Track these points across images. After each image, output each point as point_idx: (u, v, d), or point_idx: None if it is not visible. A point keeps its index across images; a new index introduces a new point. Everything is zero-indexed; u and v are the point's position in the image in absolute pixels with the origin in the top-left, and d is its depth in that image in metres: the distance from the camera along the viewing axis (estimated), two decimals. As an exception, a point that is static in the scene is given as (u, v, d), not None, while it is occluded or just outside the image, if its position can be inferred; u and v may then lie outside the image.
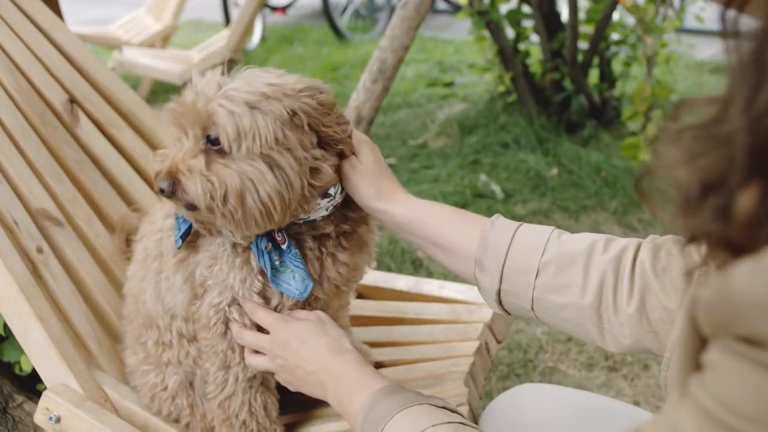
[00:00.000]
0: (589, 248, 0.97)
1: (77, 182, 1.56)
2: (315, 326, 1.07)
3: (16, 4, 1.63)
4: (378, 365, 1.48)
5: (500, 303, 1.02)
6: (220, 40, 4.74)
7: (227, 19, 6.63)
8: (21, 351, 1.66)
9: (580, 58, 3.83)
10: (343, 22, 7.02)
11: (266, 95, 1.01)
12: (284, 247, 1.09)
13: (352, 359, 1.03)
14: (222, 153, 1.02)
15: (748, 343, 0.43)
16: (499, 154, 3.79)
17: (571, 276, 0.96)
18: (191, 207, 1.04)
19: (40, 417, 1.28)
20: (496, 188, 3.41)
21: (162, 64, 4.48)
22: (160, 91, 5.19)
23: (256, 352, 1.13)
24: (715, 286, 0.44)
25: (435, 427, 0.86)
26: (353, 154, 1.10)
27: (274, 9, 7.66)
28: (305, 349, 1.05)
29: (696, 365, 0.50)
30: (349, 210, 1.15)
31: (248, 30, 4.45)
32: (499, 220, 1.04)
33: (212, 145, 1.03)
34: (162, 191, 1.03)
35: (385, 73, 2.37)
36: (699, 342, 0.50)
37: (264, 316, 1.10)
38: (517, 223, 1.03)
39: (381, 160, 1.12)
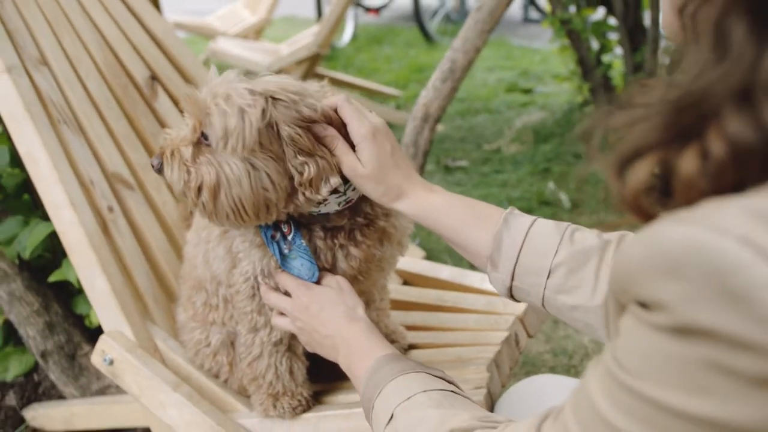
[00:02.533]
0: (601, 247, 0.98)
1: (151, 151, 1.70)
2: (334, 294, 1.14)
3: (111, -14, 1.79)
4: (411, 347, 1.55)
5: (512, 296, 1.05)
6: (309, 36, 4.89)
7: (320, 16, 6.82)
8: (91, 305, 1.81)
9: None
10: (433, 25, 7.09)
11: (255, 96, 1.06)
12: (290, 238, 1.16)
13: (363, 328, 1.09)
14: (209, 148, 1.09)
15: (640, 306, 0.47)
16: (570, 164, 3.77)
17: (582, 278, 0.97)
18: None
19: (96, 358, 1.41)
20: (563, 197, 3.40)
21: (251, 55, 4.67)
22: (250, 82, 5.40)
23: (282, 314, 1.21)
24: (618, 253, 0.48)
25: (426, 392, 0.91)
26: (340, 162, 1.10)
27: (368, 9, 7.83)
28: (323, 315, 1.12)
29: (616, 332, 0.55)
30: (366, 205, 1.19)
31: (336, 27, 4.57)
32: (512, 216, 1.03)
33: (204, 139, 1.10)
34: (152, 166, 1.15)
35: (455, 74, 2.43)
36: (620, 310, 0.53)
37: (288, 282, 1.18)
38: (530, 220, 1.03)
39: (387, 153, 1.08)
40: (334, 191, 1.11)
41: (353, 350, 1.06)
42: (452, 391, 0.94)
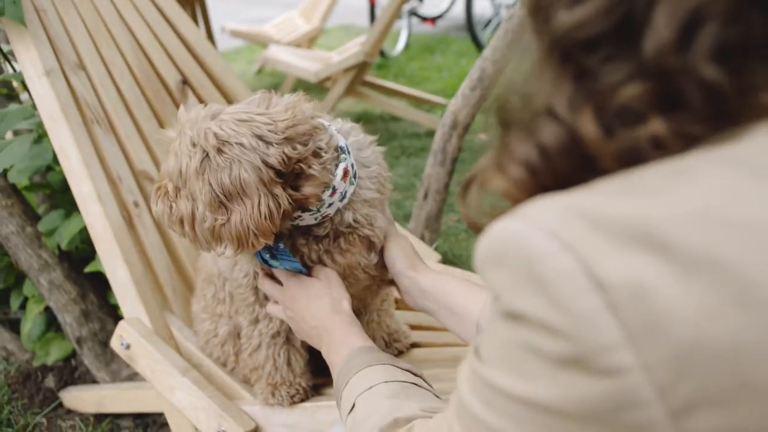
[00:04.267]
0: None
1: (178, 151, 1.80)
2: (321, 286, 1.20)
3: (147, -5, 1.90)
4: (414, 345, 1.60)
5: None
6: (360, 44, 4.99)
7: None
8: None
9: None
10: (486, 35, 7.11)
11: (235, 141, 1.05)
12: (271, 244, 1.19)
13: (344, 320, 1.15)
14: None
15: (493, 297, 0.50)
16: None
17: None
18: None
19: (114, 342, 1.51)
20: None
21: (301, 63, 4.79)
22: (303, 89, 5.53)
23: (276, 303, 1.28)
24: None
25: (387, 383, 0.96)
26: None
27: (424, 19, 7.89)
28: (310, 306, 1.18)
29: None
30: (349, 215, 1.22)
31: (383, 36, 4.65)
32: None
33: None
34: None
35: (484, 82, 2.46)
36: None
37: (280, 271, 1.25)
38: None
39: (413, 246, 1.30)
40: (307, 210, 1.15)
41: (333, 341, 1.13)
42: (414, 383, 0.99)
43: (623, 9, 0.46)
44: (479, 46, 6.94)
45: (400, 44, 7.00)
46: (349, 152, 1.18)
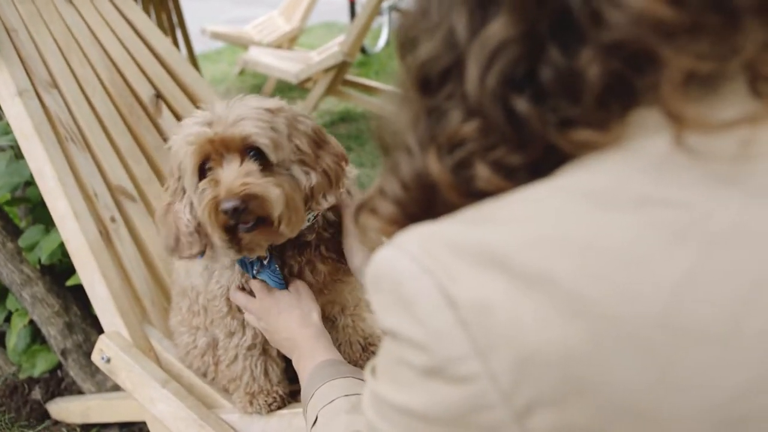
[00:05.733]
0: None
1: (154, 165, 1.83)
2: (291, 298, 1.24)
3: (118, 9, 1.92)
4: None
5: None
6: (338, 44, 5.01)
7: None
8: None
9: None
10: (467, 29, 7.13)
11: (271, 112, 1.15)
12: (265, 262, 1.24)
13: (313, 333, 1.19)
14: (265, 166, 1.13)
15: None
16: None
17: None
18: (257, 222, 1.14)
19: (95, 356, 1.54)
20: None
21: (281, 64, 4.81)
22: (285, 89, 5.56)
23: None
24: None
25: (347, 397, 1.00)
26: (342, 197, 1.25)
27: (404, 14, 7.90)
28: (281, 319, 1.22)
29: None
30: (330, 213, 1.28)
31: (362, 35, 4.67)
32: None
33: (255, 160, 1.13)
34: (234, 210, 1.09)
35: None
36: None
37: (253, 283, 1.28)
38: None
39: None
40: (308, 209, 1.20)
41: (302, 354, 1.16)
42: None
43: (457, 49, 0.52)
44: (460, 40, 6.96)
45: (382, 41, 7.02)
46: None
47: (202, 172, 1.15)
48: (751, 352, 0.43)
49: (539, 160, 0.52)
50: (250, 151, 1.13)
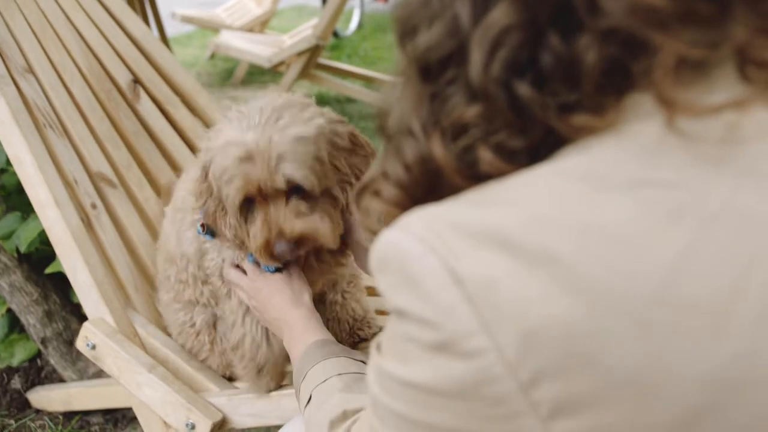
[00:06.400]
0: None
1: (133, 151, 1.82)
2: (283, 279, 1.25)
3: (93, -5, 1.90)
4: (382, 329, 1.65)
5: None
6: (311, 27, 4.98)
7: (325, 5, 6.90)
8: (86, 294, 1.94)
9: None
10: (439, 12, 7.13)
11: (313, 142, 1.13)
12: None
13: (304, 314, 1.21)
14: (308, 194, 1.16)
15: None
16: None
17: None
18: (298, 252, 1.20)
19: (80, 343, 1.54)
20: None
21: (253, 48, 4.78)
22: (257, 73, 5.53)
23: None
24: None
25: (340, 375, 1.02)
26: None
27: (375, -3, 7.90)
28: (272, 299, 1.24)
29: None
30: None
31: (335, 19, 4.65)
32: None
33: (299, 193, 1.15)
34: (290, 250, 1.16)
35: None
36: None
37: (246, 264, 1.29)
38: None
39: None
40: None
41: (292, 335, 1.18)
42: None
43: (459, 35, 0.54)
44: (432, 23, 6.96)
45: (353, 24, 7.00)
46: None
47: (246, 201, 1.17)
48: (745, 323, 0.46)
49: (539, 144, 0.54)
50: (294, 187, 1.15)
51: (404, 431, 0.57)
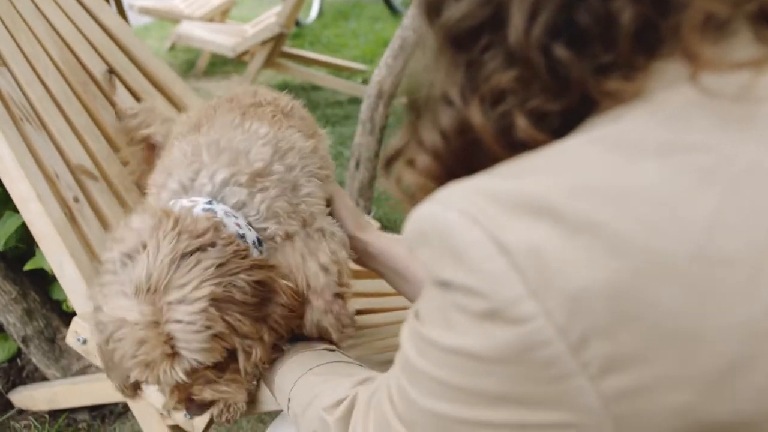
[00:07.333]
0: None
1: (112, 143, 1.79)
2: None
3: (64, -15, 1.87)
4: (360, 312, 1.66)
5: None
6: (274, 15, 4.94)
7: (286, -6, 6.84)
8: (66, 290, 1.91)
9: None
10: (399, -2, 7.15)
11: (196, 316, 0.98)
12: None
13: None
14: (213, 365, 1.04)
15: (425, 269, 0.59)
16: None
17: None
18: None
19: (70, 338, 1.52)
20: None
21: (216, 38, 4.72)
22: (220, 64, 5.46)
23: None
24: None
25: (312, 370, 1.04)
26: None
27: (334, -16, 7.85)
28: None
29: None
30: None
31: (299, 6, 4.62)
32: None
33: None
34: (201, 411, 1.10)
35: (406, 50, 2.53)
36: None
37: None
38: None
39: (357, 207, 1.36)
40: None
41: None
42: (335, 361, 1.06)
43: (495, 2, 0.56)
44: (393, 9, 6.97)
45: (314, 12, 6.95)
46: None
47: None
48: None
49: (572, 113, 0.56)
50: None
51: (441, 396, 0.59)
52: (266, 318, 1.06)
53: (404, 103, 0.67)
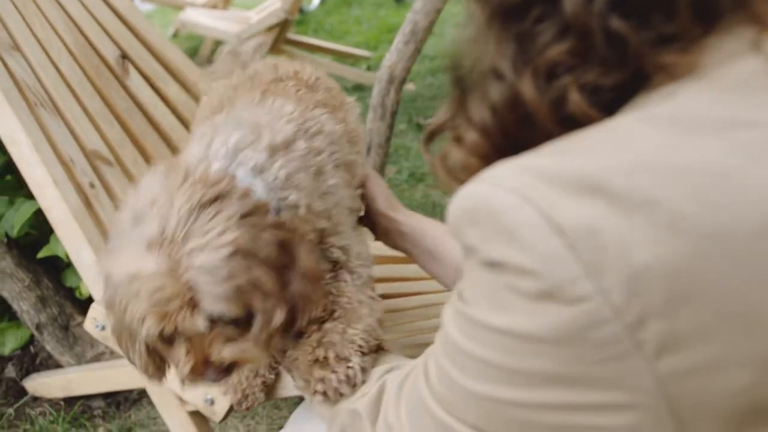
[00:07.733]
0: None
1: (126, 128, 1.78)
2: None
3: (76, -31, 1.84)
4: (387, 296, 1.65)
5: None
6: (278, 1, 4.91)
7: (288, -19, 6.79)
8: (80, 278, 1.89)
9: None
10: (402, -16, 7.09)
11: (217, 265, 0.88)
12: None
13: None
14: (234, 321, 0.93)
15: (465, 249, 0.57)
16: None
17: None
18: None
19: (89, 325, 1.51)
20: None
21: (220, 25, 4.69)
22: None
23: None
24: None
25: None
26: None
27: (336, -30, 7.79)
28: None
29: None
30: None
31: (303, -9, 4.60)
32: None
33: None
34: (221, 376, 0.97)
35: (417, 35, 2.50)
36: (463, 255, 0.62)
37: None
38: None
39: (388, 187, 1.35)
40: None
41: None
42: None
43: None
44: (396, -5, 6.92)
45: (316, -2, 6.91)
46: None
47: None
48: None
49: (623, 89, 0.55)
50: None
51: (489, 377, 0.58)
52: (284, 288, 0.95)
53: (448, 77, 0.65)
